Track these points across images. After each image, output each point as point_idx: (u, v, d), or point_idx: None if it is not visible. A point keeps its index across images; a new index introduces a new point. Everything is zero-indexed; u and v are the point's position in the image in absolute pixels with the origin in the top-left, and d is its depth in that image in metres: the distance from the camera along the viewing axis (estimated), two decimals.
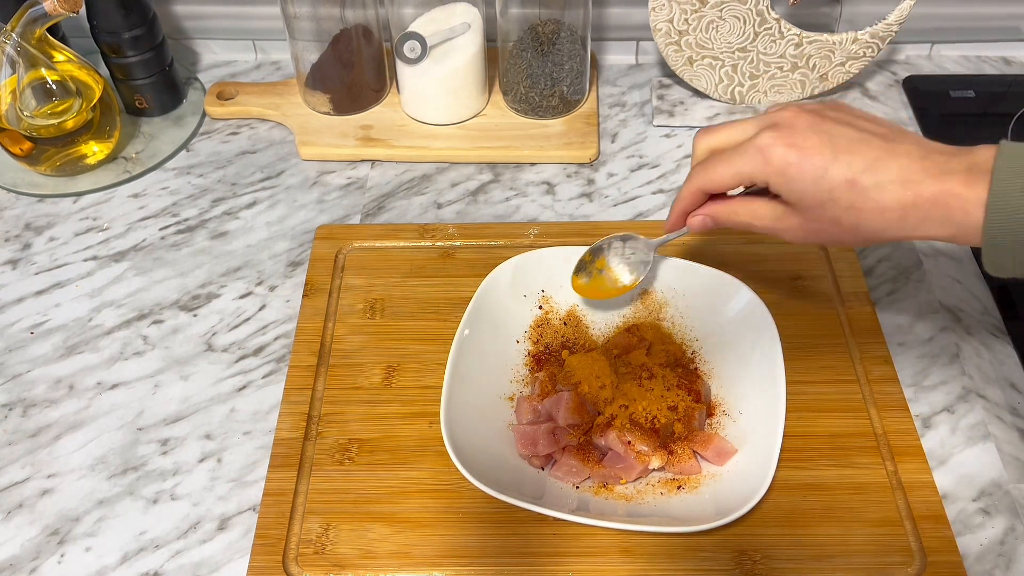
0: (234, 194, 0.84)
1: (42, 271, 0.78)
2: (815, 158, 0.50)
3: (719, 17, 0.83)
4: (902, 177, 0.49)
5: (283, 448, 0.64)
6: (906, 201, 0.49)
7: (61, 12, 0.75)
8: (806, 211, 0.52)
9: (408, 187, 0.84)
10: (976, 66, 0.96)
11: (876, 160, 0.50)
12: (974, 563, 0.58)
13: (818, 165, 0.50)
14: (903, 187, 0.49)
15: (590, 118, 0.88)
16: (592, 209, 0.81)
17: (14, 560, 0.60)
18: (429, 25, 0.83)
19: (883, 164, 0.49)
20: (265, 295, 0.75)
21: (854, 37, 0.84)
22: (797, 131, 0.51)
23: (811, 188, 0.51)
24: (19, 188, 0.84)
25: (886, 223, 0.50)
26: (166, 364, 0.71)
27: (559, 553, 0.58)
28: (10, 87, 0.79)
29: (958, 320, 0.72)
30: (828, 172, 0.50)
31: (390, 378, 0.68)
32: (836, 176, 0.50)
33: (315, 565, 0.58)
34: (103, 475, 0.64)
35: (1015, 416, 0.66)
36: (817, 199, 0.51)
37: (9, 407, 0.68)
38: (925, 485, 0.61)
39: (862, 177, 0.50)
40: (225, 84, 0.92)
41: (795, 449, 0.62)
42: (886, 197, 0.49)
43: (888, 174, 0.49)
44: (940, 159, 0.49)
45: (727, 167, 0.54)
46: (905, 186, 0.49)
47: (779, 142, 0.51)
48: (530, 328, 0.69)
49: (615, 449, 0.60)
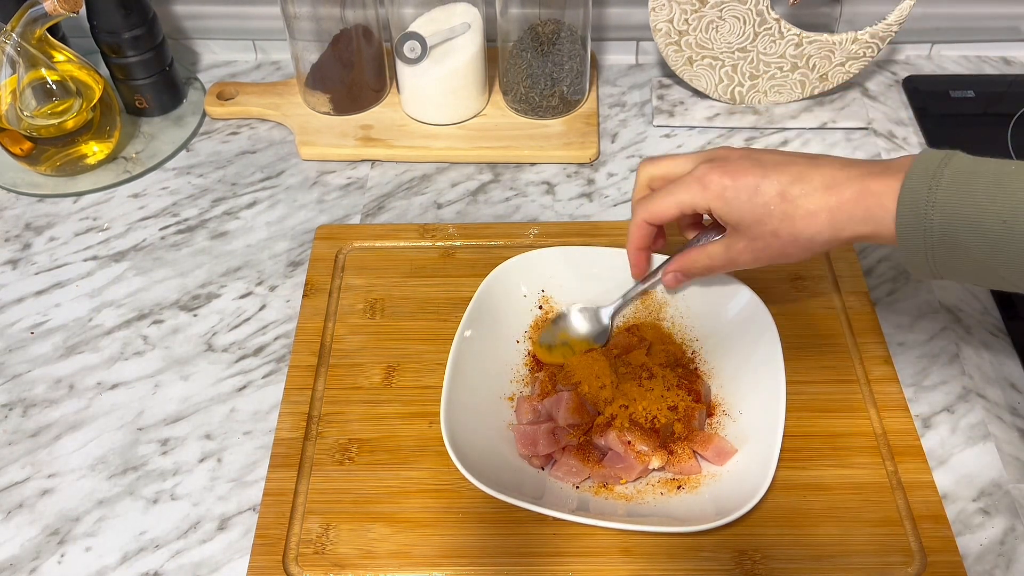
0: (234, 194, 0.84)
1: (42, 271, 0.78)
2: (747, 178, 0.55)
3: (719, 17, 0.83)
4: (825, 183, 0.53)
5: (283, 448, 0.64)
6: (831, 204, 0.53)
7: (61, 12, 0.75)
8: (747, 230, 0.56)
9: (408, 187, 0.84)
10: (976, 66, 0.96)
11: (801, 173, 0.54)
12: (974, 563, 0.58)
13: (750, 184, 0.55)
14: (827, 192, 0.53)
15: (590, 118, 0.88)
16: (592, 209, 0.81)
17: (14, 560, 0.60)
18: (429, 25, 0.83)
19: (808, 175, 0.54)
20: (265, 295, 0.75)
21: (854, 37, 0.84)
22: (731, 161, 0.57)
23: (747, 205, 0.55)
24: (19, 188, 0.84)
25: (818, 227, 0.54)
26: (166, 364, 0.71)
27: (559, 553, 0.58)
28: (10, 87, 0.79)
29: (958, 320, 0.72)
30: (760, 188, 0.55)
31: (390, 378, 0.68)
32: (767, 191, 0.55)
33: (315, 565, 0.58)
34: (103, 475, 0.64)
35: (1015, 416, 0.66)
36: (754, 215, 0.55)
37: (9, 407, 0.68)
38: (925, 485, 0.61)
39: (790, 188, 0.54)
40: (225, 84, 0.92)
41: (795, 449, 0.62)
42: (813, 203, 0.53)
43: (813, 182, 0.54)
44: (862, 166, 0.54)
45: (669, 198, 0.59)
46: (828, 190, 0.53)
47: (715, 171, 0.56)
48: (530, 328, 0.69)
49: (615, 449, 0.60)
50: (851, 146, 0.86)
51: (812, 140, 0.87)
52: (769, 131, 0.88)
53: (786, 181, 0.54)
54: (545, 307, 0.70)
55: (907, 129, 0.88)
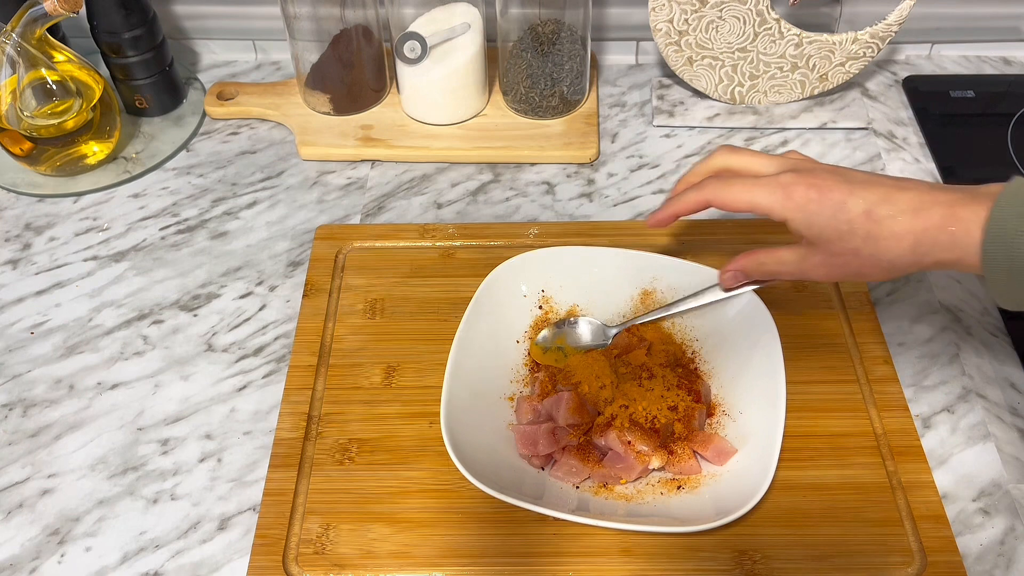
0: (234, 194, 0.84)
1: (42, 271, 0.78)
2: (833, 193, 0.54)
3: (719, 17, 0.83)
4: (913, 206, 0.52)
5: (283, 448, 0.64)
6: (917, 228, 0.52)
7: (61, 12, 0.75)
8: (827, 245, 0.55)
9: (408, 187, 0.84)
10: (976, 66, 0.96)
11: (889, 193, 0.53)
12: (974, 563, 0.58)
13: (836, 199, 0.54)
14: (914, 215, 0.52)
15: (590, 118, 0.88)
16: (592, 209, 0.81)
17: (14, 560, 0.60)
18: (429, 25, 0.83)
19: (895, 196, 0.53)
20: (265, 295, 0.75)
21: (854, 37, 0.84)
22: (816, 174, 0.55)
23: (831, 221, 0.54)
24: (19, 188, 0.84)
25: (901, 251, 0.53)
26: (166, 364, 0.71)
27: (559, 553, 0.58)
28: (10, 87, 0.79)
29: (958, 320, 0.72)
30: (846, 205, 0.53)
31: (390, 378, 0.68)
32: (853, 208, 0.53)
33: (315, 565, 0.58)
34: (103, 475, 0.64)
35: (1015, 416, 0.66)
36: (837, 231, 0.54)
37: (9, 407, 0.68)
38: (925, 485, 0.61)
39: (877, 208, 0.53)
40: (225, 84, 0.92)
41: (795, 449, 0.62)
42: (900, 225, 0.52)
43: (900, 204, 0.52)
44: (949, 191, 0.52)
45: (746, 192, 0.57)
46: (916, 214, 0.52)
47: (800, 181, 0.55)
48: (530, 328, 0.69)
49: (615, 449, 0.60)
50: (851, 146, 0.86)
51: (812, 140, 0.87)
52: (769, 131, 0.88)
53: (873, 200, 0.53)
54: (545, 307, 0.70)
55: (907, 129, 0.88)
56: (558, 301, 0.70)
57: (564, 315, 0.70)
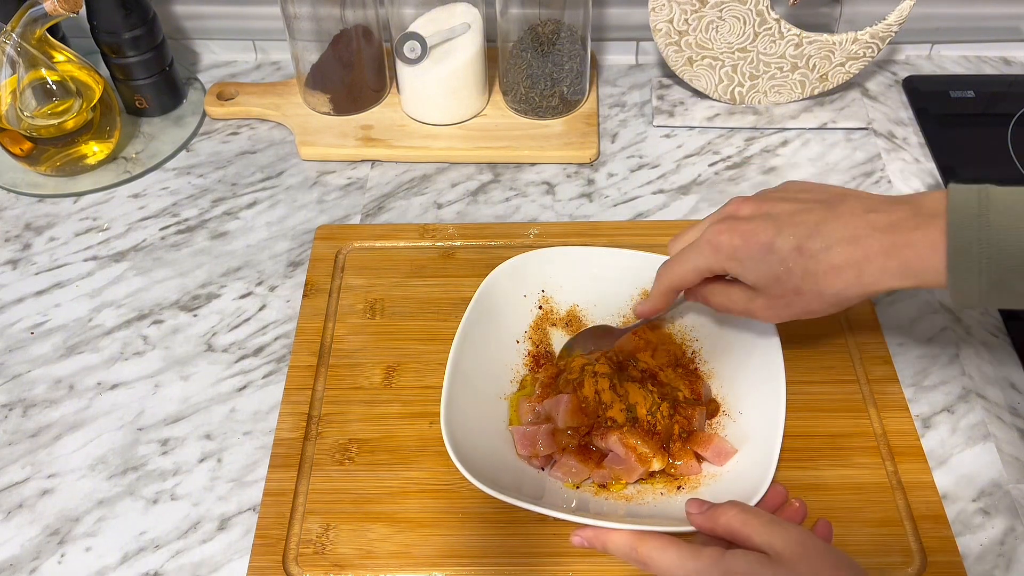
0: (234, 194, 0.84)
1: (42, 271, 0.78)
2: (759, 236, 0.52)
3: (719, 17, 0.83)
4: (848, 235, 0.50)
5: (283, 448, 0.64)
6: (858, 257, 0.50)
7: (61, 12, 0.75)
8: (767, 289, 0.54)
9: (408, 187, 0.84)
10: (976, 66, 0.96)
11: (819, 224, 0.51)
12: (974, 563, 0.58)
13: (763, 242, 0.52)
14: (851, 245, 0.50)
15: (590, 118, 0.88)
16: (592, 209, 0.82)
17: (14, 560, 0.60)
18: (429, 25, 0.83)
19: (827, 226, 0.51)
20: (265, 295, 0.75)
21: (854, 37, 0.84)
22: (740, 219, 0.54)
23: (763, 266, 0.53)
24: (19, 188, 0.84)
25: (845, 283, 0.51)
26: (166, 364, 0.71)
27: (559, 553, 0.58)
28: (10, 87, 0.79)
29: (958, 320, 0.72)
30: (774, 245, 0.52)
31: (390, 378, 0.68)
32: (782, 247, 0.52)
33: (315, 565, 0.58)
34: (103, 475, 0.64)
35: (1015, 416, 0.66)
36: (772, 274, 0.53)
37: (9, 407, 0.68)
38: (925, 485, 0.61)
39: (808, 243, 0.51)
40: (225, 84, 0.93)
41: (795, 449, 0.62)
42: (837, 257, 0.50)
43: (834, 234, 0.51)
44: (885, 212, 0.50)
45: (685, 263, 0.57)
46: (853, 243, 0.50)
47: (724, 231, 0.54)
48: (530, 328, 0.69)
49: (616, 451, 0.60)
50: (851, 146, 0.86)
51: (812, 140, 0.87)
52: (769, 131, 0.88)
53: (803, 234, 0.51)
54: (545, 307, 0.70)
55: (907, 129, 0.88)
56: (558, 301, 0.70)
57: (566, 316, 0.70)
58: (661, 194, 0.83)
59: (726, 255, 0.54)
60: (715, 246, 0.54)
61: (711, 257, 0.55)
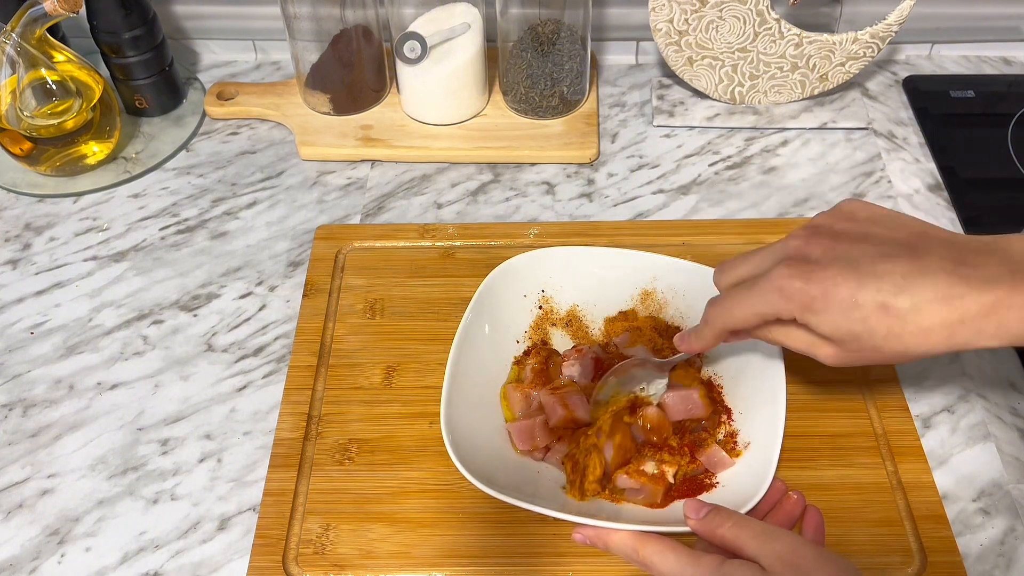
0: (234, 194, 0.84)
1: (42, 271, 0.78)
2: (840, 288, 0.46)
3: (719, 17, 0.83)
4: (940, 295, 0.45)
5: (283, 448, 0.64)
6: (952, 320, 0.45)
7: (61, 12, 0.75)
8: (842, 343, 0.48)
9: (408, 187, 0.84)
10: (976, 66, 0.96)
11: (906, 277, 0.46)
12: (974, 563, 0.58)
13: (844, 296, 0.46)
14: (944, 305, 0.45)
15: (590, 118, 0.88)
16: (592, 209, 0.81)
17: (14, 560, 0.60)
18: (429, 25, 0.83)
19: (916, 282, 0.45)
20: (265, 295, 0.75)
21: (854, 37, 0.84)
22: (812, 262, 0.48)
23: (843, 321, 0.47)
24: (19, 188, 0.84)
25: (933, 344, 0.46)
26: (166, 364, 0.71)
27: (559, 553, 0.58)
28: (10, 87, 0.79)
29: None
30: (857, 300, 0.46)
31: (390, 378, 0.68)
32: (867, 303, 0.46)
33: (315, 565, 0.58)
34: (103, 475, 0.64)
35: (1015, 416, 0.66)
36: (851, 332, 0.47)
37: (9, 407, 0.68)
38: (925, 485, 0.61)
39: (895, 300, 0.45)
40: (225, 84, 0.92)
41: (795, 449, 0.62)
42: (927, 319, 0.45)
43: (924, 292, 0.45)
44: (978, 266, 0.45)
45: (744, 307, 0.51)
46: (947, 303, 0.45)
47: (796, 276, 0.48)
48: (530, 328, 0.69)
49: (630, 487, 0.59)
50: (851, 146, 0.86)
51: (812, 140, 0.87)
52: (769, 131, 0.88)
53: (888, 290, 0.45)
54: (545, 307, 0.70)
55: (907, 129, 0.88)
56: (558, 301, 0.70)
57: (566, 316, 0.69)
58: (661, 194, 0.83)
59: (799, 305, 0.48)
60: (786, 294, 0.48)
61: (780, 305, 0.48)
